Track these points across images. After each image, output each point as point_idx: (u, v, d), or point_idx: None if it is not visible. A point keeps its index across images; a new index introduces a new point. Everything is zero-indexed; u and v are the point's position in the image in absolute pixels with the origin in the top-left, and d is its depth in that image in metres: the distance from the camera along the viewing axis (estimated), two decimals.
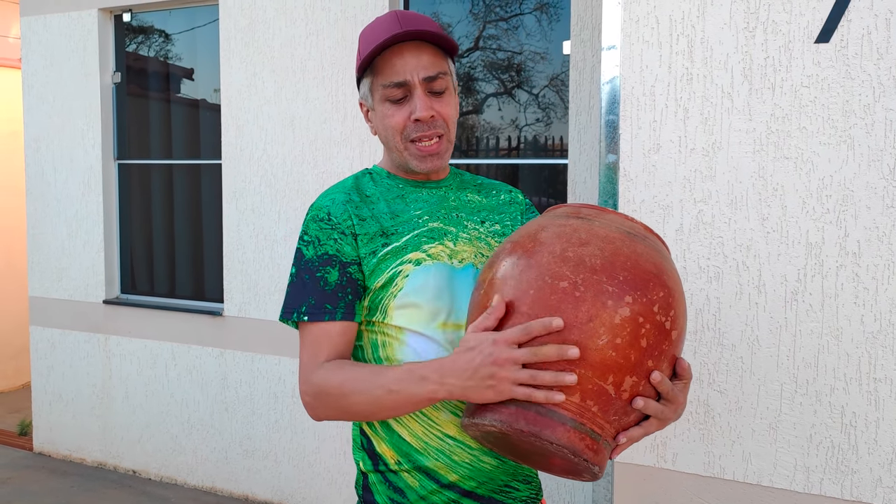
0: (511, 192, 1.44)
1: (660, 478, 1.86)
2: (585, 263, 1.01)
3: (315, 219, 1.25)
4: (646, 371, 1.01)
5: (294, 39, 3.51)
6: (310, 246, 1.24)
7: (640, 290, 1.01)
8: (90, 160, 4.15)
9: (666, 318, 1.02)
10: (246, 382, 3.76)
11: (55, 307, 4.33)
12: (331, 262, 1.22)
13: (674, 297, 1.05)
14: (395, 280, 1.22)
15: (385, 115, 1.26)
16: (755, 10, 1.71)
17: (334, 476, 3.55)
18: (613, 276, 1.00)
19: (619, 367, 0.99)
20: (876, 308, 1.64)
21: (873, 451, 1.67)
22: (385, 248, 1.23)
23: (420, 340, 1.22)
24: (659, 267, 1.05)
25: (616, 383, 0.99)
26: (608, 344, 0.98)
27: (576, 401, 0.99)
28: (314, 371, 1.20)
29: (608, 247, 1.04)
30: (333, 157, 3.45)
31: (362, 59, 1.25)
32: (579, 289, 1.00)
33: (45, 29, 4.23)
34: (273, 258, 3.63)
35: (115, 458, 4.19)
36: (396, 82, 1.23)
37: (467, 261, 1.28)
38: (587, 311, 0.99)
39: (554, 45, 3.22)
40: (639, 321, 0.99)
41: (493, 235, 1.34)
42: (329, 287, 1.21)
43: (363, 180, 1.33)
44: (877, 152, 1.62)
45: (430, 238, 1.26)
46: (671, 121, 1.81)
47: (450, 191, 1.35)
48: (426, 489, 1.22)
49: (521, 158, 3.35)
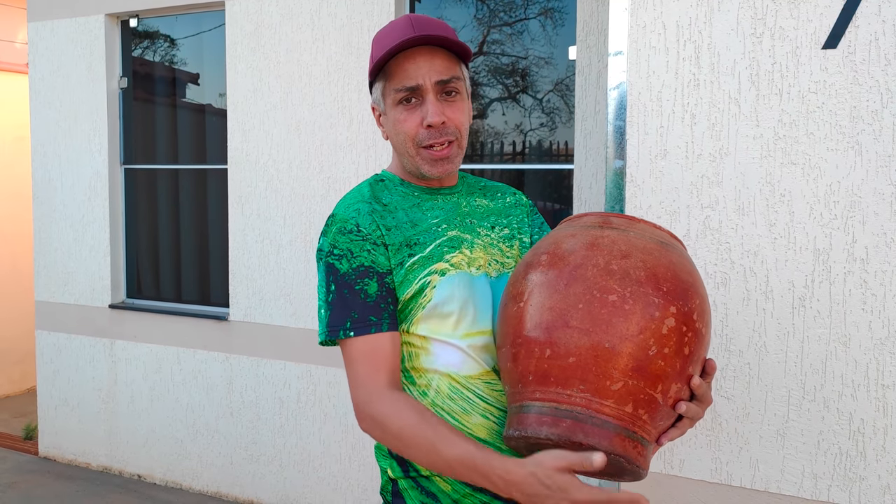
0: (516, 195, 1.45)
1: (667, 484, 1.86)
2: (631, 276, 1.04)
3: (343, 231, 1.23)
4: (687, 377, 1.05)
5: (300, 45, 3.52)
6: (343, 259, 1.21)
7: (681, 300, 1.04)
8: (96, 165, 4.16)
9: (703, 325, 1.07)
10: (251, 387, 3.76)
11: (61, 311, 4.34)
12: (368, 273, 1.20)
13: (706, 302, 1.10)
14: (425, 291, 1.21)
15: (397, 121, 1.25)
16: (762, 15, 1.71)
17: (339, 481, 3.54)
18: (658, 288, 1.04)
19: (667, 376, 1.03)
20: (884, 314, 1.64)
21: (881, 457, 1.66)
22: (411, 258, 1.23)
23: (445, 349, 1.23)
24: (693, 275, 1.10)
25: (664, 391, 1.03)
26: (658, 354, 1.02)
27: (629, 410, 1.02)
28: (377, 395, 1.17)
29: (649, 258, 1.07)
30: (339, 161, 3.45)
31: (375, 62, 1.24)
32: (628, 302, 1.02)
33: (51, 34, 4.25)
34: (279, 263, 3.64)
35: (121, 463, 4.19)
36: (408, 87, 1.22)
37: (483, 269, 1.28)
38: (637, 324, 1.02)
39: (559, 50, 3.22)
40: (682, 330, 1.03)
41: (503, 240, 1.34)
42: (371, 299, 1.19)
43: (378, 188, 1.31)
44: (884, 158, 1.62)
45: (450, 247, 1.26)
46: (678, 126, 1.81)
47: (461, 197, 1.35)
48: (459, 493, 1.22)
49: (527, 163, 3.35)
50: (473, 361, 1.24)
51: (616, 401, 1.02)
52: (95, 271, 4.20)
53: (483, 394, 1.23)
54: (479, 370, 1.24)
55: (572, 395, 1.03)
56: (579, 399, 1.03)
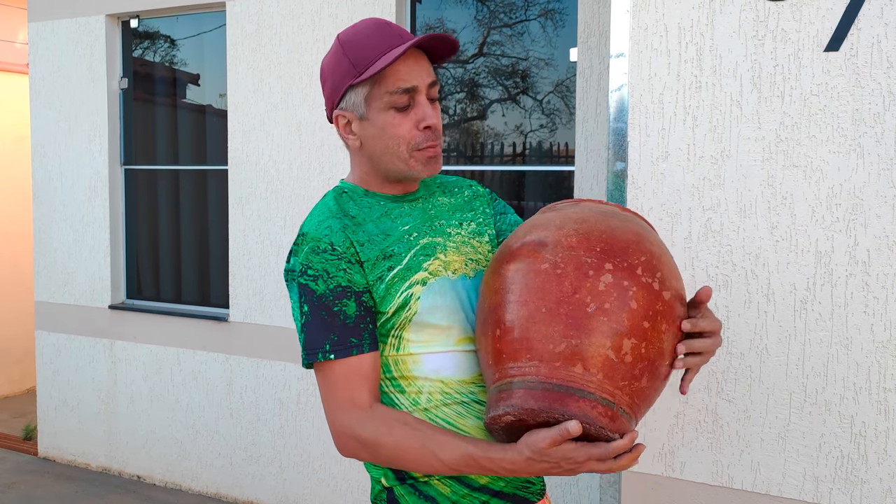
0: (472, 187, 1.44)
1: (668, 487, 1.85)
2: (562, 243, 1.07)
3: (316, 250, 1.19)
4: (643, 332, 1.03)
5: (301, 45, 3.52)
6: (318, 280, 1.18)
7: (619, 257, 1.05)
8: (97, 165, 4.16)
9: (653, 280, 1.05)
10: (251, 388, 3.75)
11: (61, 312, 4.34)
12: (345, 293, 1.17)
13: (659, 259, 1.09)
14: (409, 303, 1.20)
15: (388, 125, 1.22)
16: (764, 18, 1.71)
17: (339, 482, 3.54)
18: (591, 249, 1.06)
19: (614, 332, 1.02)
20: (886, 317, 1.64)
21: (883, 461, 1.66)
22: (391, 271, 1.21)
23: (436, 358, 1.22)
24: (639, 235, 1.10)
25: (615, 347, 1.02)
26: (598, 311, 1.02)
27: (578, 371, 1.01)
28: (361, 419, 1.16)
29: (582, 226, 1.09)
30: (340, 163, 3.45)
31: (370, 68, 1.19)
32: (559, 266, 1.05)
33: (52, 34, 4.25)
34: (279, 264, 3.63)
35: (120, 464, 4.19)
36: (405, 88, 1.20)
37: (459, 271, 1.27)
38: (571, 284, 1.03)
39: (560, 51, 3.22)
40: (623, 285, 1.03)
41: (473, 236, 1.34)
42: (350, 320, 1.17)
43: (343, 200, 1.28)
44: (886, 161, 1.62)
45: (425, 255, 1.25)
46: (680, 129, 1.81)
47: (425, 201, 1.34)
48: (458, 494, 1.22)
49: (527, 165, 3.35)
50: (468, 364, 1.24)
51: (563, 363, 1.01)
52: (95, 272, 4.20)
53: (477, 397, 1.23)
54: (473, 373, 1.24)
55: (522, 366, 1.04)
56: (529, 368, 1.04)
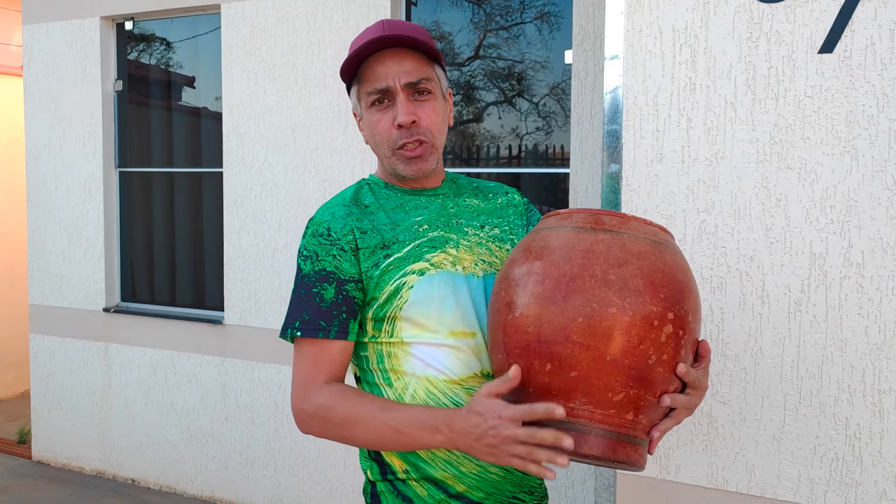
0: (508, 194, 1.44)
1: (663, 489, 1.85)
2: (629, 286, 1.04)
3: (315, 234, 1.25)
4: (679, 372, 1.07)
5: (296, 48, 3.51)
6: (308, 261, 1.24)
7: (678, 304, 1.05)
8: (91, 168, 4.15)
9: (696, 321, 1.09)
10: (246, 391, 3.74)
11: (55, 315, 4.32)
12: (328, 278, 1.21)
13: (698, 297, 1.11)
14: (400, 291, 1.21)
15: (371, 122, 1.27)
16: (758, 20, 1.71)
17: (334, 486, 3.53)
18: (656, 295, 1.04)
19: (665, 381, 1.04)
20: (880, 319, 1.64)
21: (878, 463, 1.65)
22: (387, 259, 1.22)
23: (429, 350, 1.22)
24: (687, 273, 1.10)
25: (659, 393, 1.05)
26: (657, 362, 1.03)
27: (629, 418, 1.04)
28: (314, 390, 1.19)
29: (645, 264, 1.06)
30: (335, 165, 3.44)
31: (344, 65, 1.26)
32: (627, 313, 1.02)
33: (46, 37, 4.24)
34: (274, 266, 3.63)
35: (115, 467, 4.17)
36: (378, 88, 1.24)
37: (469, 269, 1.27)
38: (637, 335, 1.02)
39: (555, 54, 3.22)
40: (679, 334, 1.05)
41: (492, 240, 1.34)
42: (325, 304, 1.21)
43: (362, 191, 1.33)
44: (881, 163, 1.62)
45: (431, 247, 1.25)
46: (674, 131, 1.81)
47: (447, 199, 1.35)
48: (434, 498, 1.22)
49: (523, 167, 3.34)
50: (460, 363, 1.22)
51: (618, 410, 1.03)
52: (90, 275, 4.18)
53: (462, 399, 1.22)
54: (463, 373, 1.22)
55: (575, 407, 1.03)
56: (582, 412, 1.03)
